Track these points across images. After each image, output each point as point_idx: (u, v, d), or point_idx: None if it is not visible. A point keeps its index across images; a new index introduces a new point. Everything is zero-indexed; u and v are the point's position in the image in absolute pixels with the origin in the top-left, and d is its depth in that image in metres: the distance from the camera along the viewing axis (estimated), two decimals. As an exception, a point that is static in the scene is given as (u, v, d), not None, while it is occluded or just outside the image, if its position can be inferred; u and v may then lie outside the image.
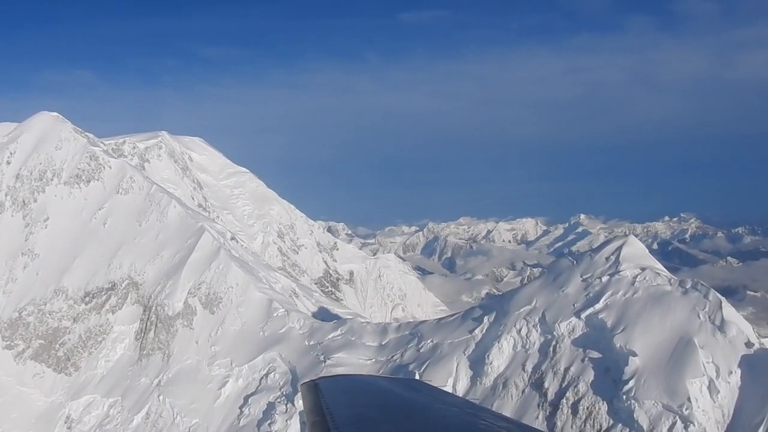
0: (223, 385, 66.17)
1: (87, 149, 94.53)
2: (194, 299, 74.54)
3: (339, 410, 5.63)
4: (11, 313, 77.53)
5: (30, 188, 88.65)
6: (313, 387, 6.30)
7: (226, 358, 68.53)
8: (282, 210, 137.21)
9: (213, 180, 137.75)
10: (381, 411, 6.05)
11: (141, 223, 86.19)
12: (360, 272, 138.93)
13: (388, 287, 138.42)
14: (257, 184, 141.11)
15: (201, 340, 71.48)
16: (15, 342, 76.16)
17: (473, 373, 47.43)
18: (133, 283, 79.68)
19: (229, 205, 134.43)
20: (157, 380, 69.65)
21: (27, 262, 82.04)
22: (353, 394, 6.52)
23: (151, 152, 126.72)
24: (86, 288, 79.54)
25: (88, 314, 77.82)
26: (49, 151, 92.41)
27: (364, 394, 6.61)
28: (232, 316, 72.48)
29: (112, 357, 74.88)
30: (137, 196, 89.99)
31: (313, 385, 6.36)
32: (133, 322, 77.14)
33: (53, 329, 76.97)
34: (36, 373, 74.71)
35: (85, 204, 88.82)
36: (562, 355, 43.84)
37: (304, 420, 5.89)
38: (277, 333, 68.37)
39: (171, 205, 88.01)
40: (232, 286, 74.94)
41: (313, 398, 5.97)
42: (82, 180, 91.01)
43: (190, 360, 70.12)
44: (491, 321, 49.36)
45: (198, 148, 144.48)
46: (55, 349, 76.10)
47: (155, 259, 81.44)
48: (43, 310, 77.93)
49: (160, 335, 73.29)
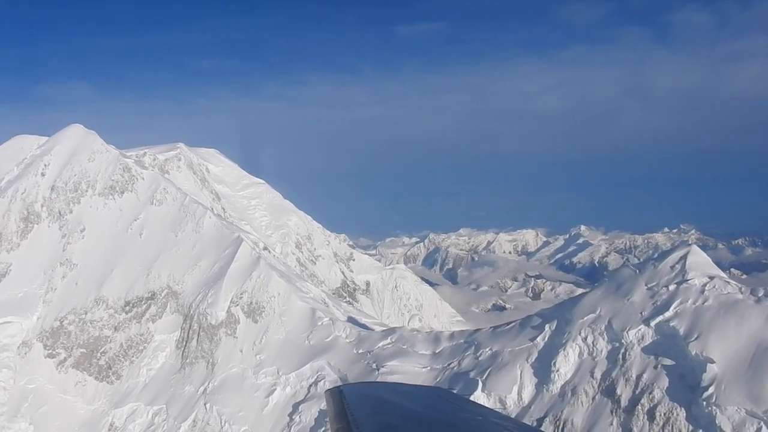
0: (270, 393, 67.03)
1: (120, 161, 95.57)
2: (237, 308, 75.50)
3: (363, 417, 5.61)
4: (52, 322, 78.15)
5: (65, 199, 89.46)
6: (337, 393, 6.30)
7: (272, 366, 69.43)
8: (299, 221, 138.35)
9: (230, 191, 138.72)
10: (406, 418, 5.99)
11: (177, 234, 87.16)
12: (376, 282, 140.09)
13: (405, 297, 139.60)
14: (273, 195, 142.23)
15: (245, 348, 72.38)
16: (57, 351, 76.75)
17: (538, 380, 48.74)
18: (172, 292, 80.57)
19: (247, 216, 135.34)
20: (202, 388, 70.42)
21: (66, 272, 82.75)
22: (378, 401, 6.41)
23: (170, 164, 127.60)
24: (126, 297, 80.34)
25: (128, 323, 78.58)
26: (83, 162, 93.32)
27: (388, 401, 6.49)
28: (275, 325, 73.49)
29: (153, 365, 75.58)
30: (171, 207, 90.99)
31: (338, 392, 6.36)
32: (173, 331, 77.94)
33: (94, 338, 77.64)
34: (78, 382, 75.29)
35: (120, 215, 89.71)
36: (632, 362, 45.30)
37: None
38: (323, 341, 69.41)
39: (206, 215, 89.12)
40: (274, 296, 75.99)
41: (338, 405, 5.98)
42: (116, 191, 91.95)
43: (235, 368, 70.98)
44: (553, 329, 50.78)
45: (214, 160, 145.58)
46: (97, 357, 76.74)
47: (193, 268, 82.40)
48: (84, 319, 78.61)
49: (203, 344, 74.12)
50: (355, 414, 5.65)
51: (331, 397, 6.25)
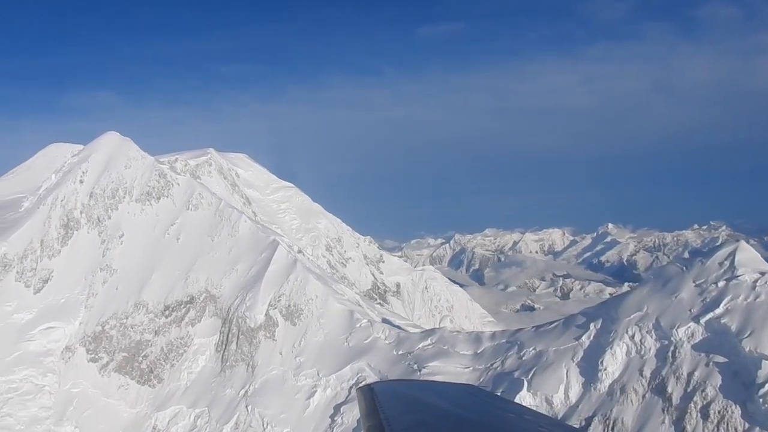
0: (311, 394, 67.53)
1: (155, 167, 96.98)
2: (275, 311, 76.17)
3: (395, 415, 5.58)
4: (94, 326, 79.52)
5: (104, 206, 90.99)
6: (368, 391, 6.27)
7: (312, 368, 69.93)
8: (329, 223, 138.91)
9: (260, 195, 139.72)
10: (438, 416, 5.96)
11: (213, 238, 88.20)
12: (407, 284, 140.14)
13: (435, 299, 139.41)
14: (303, 199, 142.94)
15: (285, 351, 73.00)
16: (99, 355, 78.08)
17: (585, 379, 48.52)
18: (210, 296, 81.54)
19: (278, 220, 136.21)
20: (243, 391, 71.15)
21: (106, 277, 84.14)
22: (409, 399, 6.39)
23: (201, 169, 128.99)
24: (165, 302, 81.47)
25: (168, 327, 79.67)
26: (120, 169, 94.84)
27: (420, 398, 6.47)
28: (314, 327, 74.01)
29: (194, 369, 76.53)
30: (207, 212, 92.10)
31: (369, 390, 6.33)
32: (212, 334, 78.86)
33: (136, 342, 78.84)
34: (120, 385, 76.50)
35: (157, 220, 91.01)
36: (683, 360, 44.89)
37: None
38: (362, 343, 69.75)
39: (241, 220, 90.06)
40: (312, 298, 76.54)
41: (369, 403, 5.96)
42: (153, 197, 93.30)
43: (275, 371, 71.61)
44: (598, 328, 50.52)
45: (243, 164, 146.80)
46: (138, 361, 77.91)
47: (230, 272, 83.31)
48: (125, 323, 79.88)
49: (242, 347, 74.89)
50: (386, 411, 5.63)
51: (362, 395, 6.25)
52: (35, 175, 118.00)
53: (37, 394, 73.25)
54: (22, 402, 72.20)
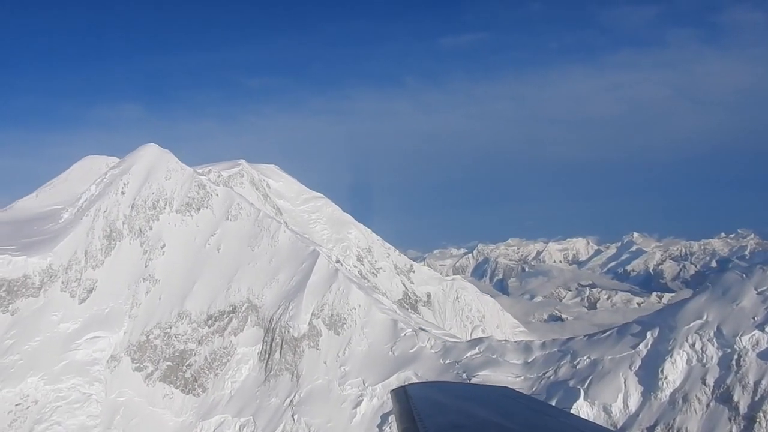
0: (357, 404, 67.64)
1: (194, 178, 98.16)
2: (318, 321, 76.53)
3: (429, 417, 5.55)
4: (139, 336, 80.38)
5: (145, 216, 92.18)
6: (402, 393, 6.24)
7: (357, 377, 70.09)
8: (359, 233, 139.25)
9: (291, 206, 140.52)
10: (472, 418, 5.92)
11: (253, 248, 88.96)
12: (437, 294, 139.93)
13: (466, 309, 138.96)
14: (333, 209, 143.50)
15: (329, 360, 73.25)
16: (144, 364, 78.86)
17: (644, 388, 48.21)
18: (252, 306, 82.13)
19: (309, 230, 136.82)
20: (288, 400, 71.44)
21: (149, 287, 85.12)
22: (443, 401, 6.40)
23: (234, 180, 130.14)
24: (208, 311, 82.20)
25: (211, 337, 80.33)
26: (160, 181, 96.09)
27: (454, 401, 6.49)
28: (357, 336, 74.23)
29: (238, 378, 77.02)
30: (246, 222, 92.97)
31: (403, 392, 6.31)
32: (255, 343, 79.36)
33: (180, 351, 79.55)
34: (165, 394, 77.15)
35: (198, 231, 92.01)
36: (748, 368, 44.50)
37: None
38: (407, 353, 69.82)
39: (280, 230, 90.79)
40: (355, 308, 76.82)
41: (403, 405, 5.93)
42: (193, 208, 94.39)
43: (320, 380, 71.85)
44: (655, 336, 50.22)
45: (274, 175, 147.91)
46: (183, 370, 78.58)
47: (272, 282, 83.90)
48: (168, 333, 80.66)
49: (286, 356, 75.26)
50: (420, 413, 5.61)
51: (396, 397, 6.25)
52: (72, 187, 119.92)
53: (85, 402, 74.10)
54: (70, 410, 73.08)
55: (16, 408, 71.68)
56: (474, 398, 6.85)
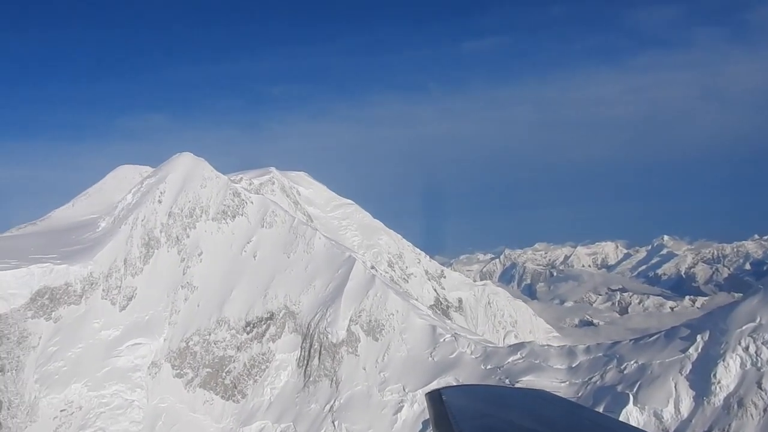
0: (398, 410, 67.52)
1: (229, 186, 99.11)
2: (356, 327, 76.62)
3: (465, 420, 5.51)
4: (179, 343, 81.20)
5: (182, 225, 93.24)
6: (437, 397, 6.13)
7: (397, 383, 69.99)
8: (390, 240, 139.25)
9: (321, 213, 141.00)
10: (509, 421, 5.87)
11: (289, 255, 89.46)
12: (469, 299, 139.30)
13: (499, 314, 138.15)
14: (363, 215, 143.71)
15: (368, 366, 73.27)
16: (184, 371, 79.61)
17: (696, 392, 47.45)
18: (289, 312, 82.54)
19: (339, 237, 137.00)
20: (328, 406, 71.56)
21: (187, 294, 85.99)
22: (479, 404, 6.31)
23: (265, 188, 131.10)
24: (246, 318, 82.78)
25: (250, 343, 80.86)
26: (196, 189, 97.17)
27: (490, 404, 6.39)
28: (396, 342, 74.17)
29: (277, 384, 77.39)
30: (281, 229, 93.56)
31: (438, 395, 6.19)
32: (293, 350, 79.70)
33: (219, 358, 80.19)
34: (206, 400, 77.78)
35: (234, 238, 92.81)
36: (807, 372, 43.63)
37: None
38: (447, 358, 69.57)
39: (316, 236, 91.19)
40: (393, 313, 76.80)
41: (438, 408, 5.86)
42: (228, 215, 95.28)
43: (359, 386, 71.88)
44: (706, 340, 49.44)
45: (304, 182, 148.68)
46: (222, 377, 79.17)
47: (308, 288, 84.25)
48: (208, 339, 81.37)
49: (325, 362, 75.44)
50: (456, 417, 5.54)
51: (431, 400, 6.16)
52: (107, 196, 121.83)
53: (127, 408, 75.00)
54: (113, 416, 74.03)
55: (61, 414, 72.82)
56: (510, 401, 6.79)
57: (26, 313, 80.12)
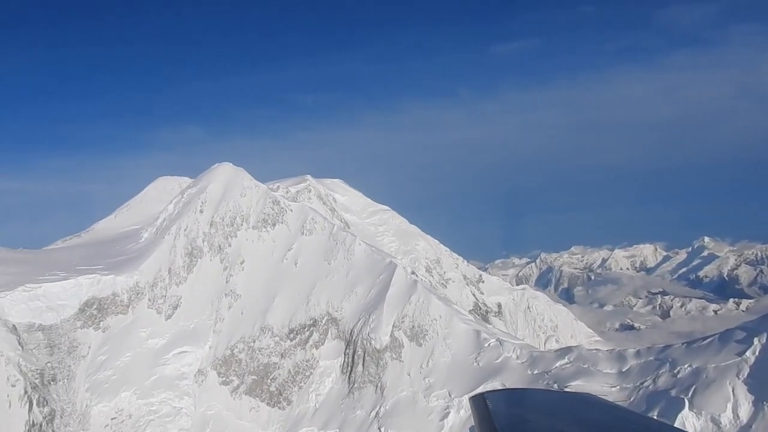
0: (444, 416, 67.14)
1: (269, 195, 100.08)
2: (399, 332, 76.52)
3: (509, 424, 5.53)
4: (224, 350, 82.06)
5: (223, 233, 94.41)
6: (481, 401, 6.14)
7: (442, 389, 69.64)
8: (427, 245, 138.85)
9: (357, 219, 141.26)
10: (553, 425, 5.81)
11: (330, 262, 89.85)
12: (508, 304, 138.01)
13: (539, 318, 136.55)
14: (400, 221, 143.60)
15: (413, 372, 73.06)
16: (230, 378, 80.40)
17: (755, 397, 46.22)
18: (332, 318, 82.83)
19: (376, 243, 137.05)
20: (373, 412, 71.51)
21: (231, 302, 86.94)
22: (522, 408, 6.32)
23: (302, 195, 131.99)
24: (289, 325, 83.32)
25: (294, 350, 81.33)
26: (236, 198, 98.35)
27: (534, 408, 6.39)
28: (440, 347, 73.86)
29: (321, 390, 77.63)
30: (321, 236, 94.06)
31: (482, 399, 6.18)
32: (337, 356, 79.91)
33: (264, 365, 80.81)
34: (252, 408, 78.40)
35: (275, 246, 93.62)
36: None
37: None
38: (493, 363, 69.00)
39: (356, 243, 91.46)
40: (436, 318, 76.52)
41: (483, 412, 5.87)
42: (268, 223, 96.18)
43: (404, 392, 71.71)
44: (763, 342, 48.18)
45: (340, 189, 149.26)
46: (267, 384, 79.75)
47: (350, 295, 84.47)
48: (252, 347, 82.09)
49: (369, 368, 75.46)
50: (500, 422, 5.51)
51: (475, 405, 6.11)
52: (148, 207, 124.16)
53: (176, 416, 75.99)
54: (162, 424, 75.07)
55: (112, 422, 74.12)
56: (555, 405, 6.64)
57: (75, 323, 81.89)
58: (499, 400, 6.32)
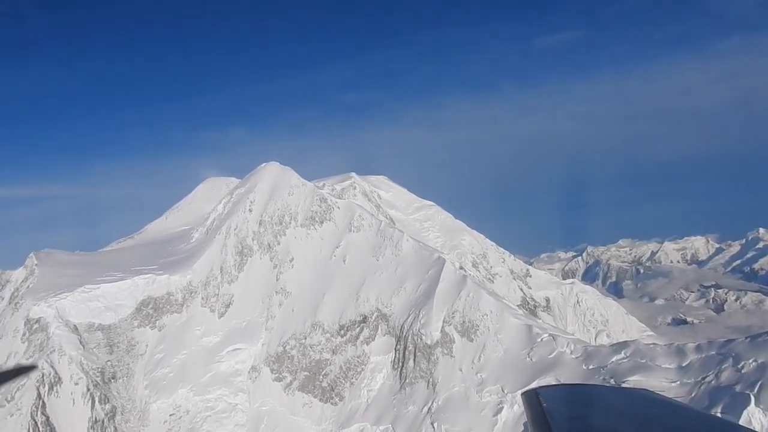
0: (498, 411, 66.74)
1: (316, 193, 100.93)
2: (450, 328, 76.35)
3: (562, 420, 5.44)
4: (276, 347, 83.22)
5: (272, 232, 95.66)
6: (534, 397, 6.04)
7: (495, 384, 69.23)
8: (473, 240, 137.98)
9: (402, 215, 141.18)
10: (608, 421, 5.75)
11: (378, 258, 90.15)
12: (556, 298, 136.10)
13: (588, 313, 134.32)
14: (445, 216, 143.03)
15: (464, 367, 72.82)
16: (283, 374, 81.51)
17: (826, 390, 44.66)
18: (381, 315, 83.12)
19: (422, 238, 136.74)
20: (426, 408, 71.54)
21: (281, 300, 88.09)
22: (576, 404, 6.24)
23: (347, 193, 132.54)
24: (340, 321, 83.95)
25: (344, 346, 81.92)
26: (284, 197, 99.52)
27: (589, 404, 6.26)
28: (491, 343, 73.39)
29: (373, 386, 78.02)
30: (368, 233, 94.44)
31: (535, 395, 6.09)
32: (387, 352, 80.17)
33: (315, 361, 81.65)
34: (305, 403, 79.33)
35: (323, 243, 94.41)
36: None
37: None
38: (546, 358, 68.24)
39: (403, 239, 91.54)
40: (486, 314, 76.06)
41: (535, 407, 5.79)
42: (316, 221, 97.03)
43: (456, 387, 71.53)
44: (833, 335, 46.47)
45: (384, 186, 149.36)
46: (319, 380, 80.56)
47: (399, 291, 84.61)
48: (304, 343, 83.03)
49: (420, 364, 75.50)
50: (554, 417, 5.44)
51: (527, 400, 6.03)
52: (197, 208, 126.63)
53: (231, 412, 77.45)
54: (218, 420, 76.62)
55: (170, 418, 75.98)
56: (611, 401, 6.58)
57: (133, 322, 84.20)
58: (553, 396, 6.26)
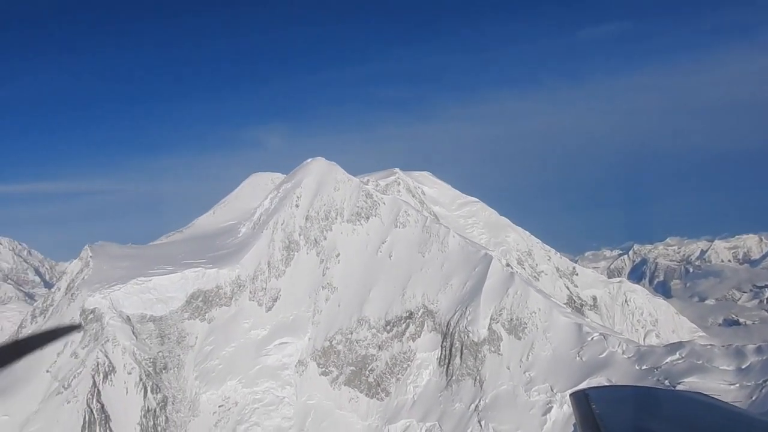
0: (547, 411, 65.87)
1: (361, 188, 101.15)
2: (497, 325, 75.64)
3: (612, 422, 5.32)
4: (323, 342, 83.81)
5: (319, 227, 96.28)
6: (583, 397, 5.81)
7: (544, 383, 68.34)
8: (518, 237, 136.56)
9: (446, 211, 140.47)
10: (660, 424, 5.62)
11: (424, 254, 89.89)
12: (603, 297, 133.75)
13: (637, 312, 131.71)
14: (489, 213, 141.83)
15: (512, 365, 72.08)
16: (329, 369, 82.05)
17: None
18: (428, 311, 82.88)
19: (466, 235, 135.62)
20: (473, 406, 71.08)
21: (328, 295, 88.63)
22: (626, 405, 6.02)
23: (391, 189, 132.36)
24: (386, 317, 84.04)
25: (391, 342, 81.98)
26: (330, 192, 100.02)
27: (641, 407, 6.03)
28: (540, 341, 72.45)
29: (419, 382, 77.90)
30: (414, 229, 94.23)
31: (584, 396, 5.85)
32: (433, 348, 79.93)
33: (361, 357, 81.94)
34: (351, 398, 79.70)
35: (368, 239, 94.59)
36: None
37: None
38: (596, 358, 67.03)
39: (449, 235, 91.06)
40: (535, 311, 75.11)
41: (585, 409, 5.59)
42: (362, 217, 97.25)
43: (504, 385, 70.86)
44: None
45: (428, 182, 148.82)
46: (365, 375, 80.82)
47: (445, 287, 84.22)
48: (350, 338, 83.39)
49: (467, 361, 75.03)
50: (604, 420, 5.31)
51: (576, 401, 5.85)
52: (244, 203, 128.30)
53: (279, 405, 78.38)
54: (266, 412, 77.61)
55: (219, 409, 77.31)
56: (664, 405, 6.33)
57: (183, 314, 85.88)
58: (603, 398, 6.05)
